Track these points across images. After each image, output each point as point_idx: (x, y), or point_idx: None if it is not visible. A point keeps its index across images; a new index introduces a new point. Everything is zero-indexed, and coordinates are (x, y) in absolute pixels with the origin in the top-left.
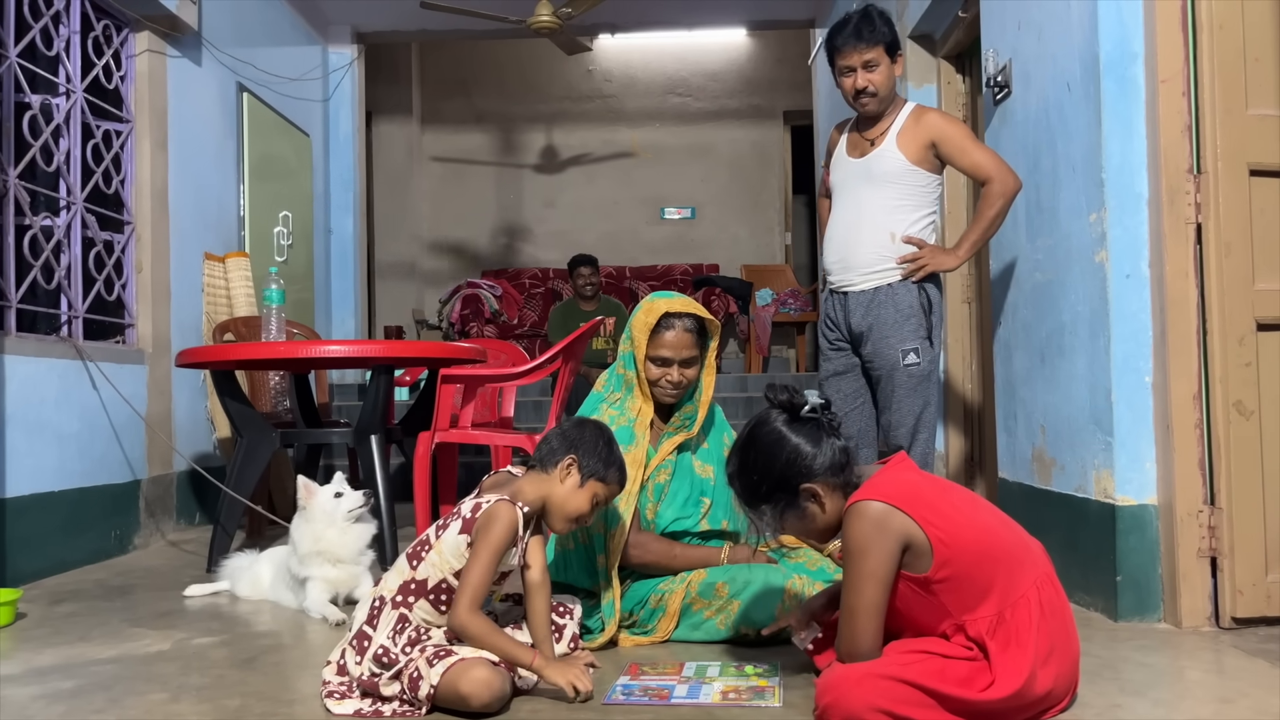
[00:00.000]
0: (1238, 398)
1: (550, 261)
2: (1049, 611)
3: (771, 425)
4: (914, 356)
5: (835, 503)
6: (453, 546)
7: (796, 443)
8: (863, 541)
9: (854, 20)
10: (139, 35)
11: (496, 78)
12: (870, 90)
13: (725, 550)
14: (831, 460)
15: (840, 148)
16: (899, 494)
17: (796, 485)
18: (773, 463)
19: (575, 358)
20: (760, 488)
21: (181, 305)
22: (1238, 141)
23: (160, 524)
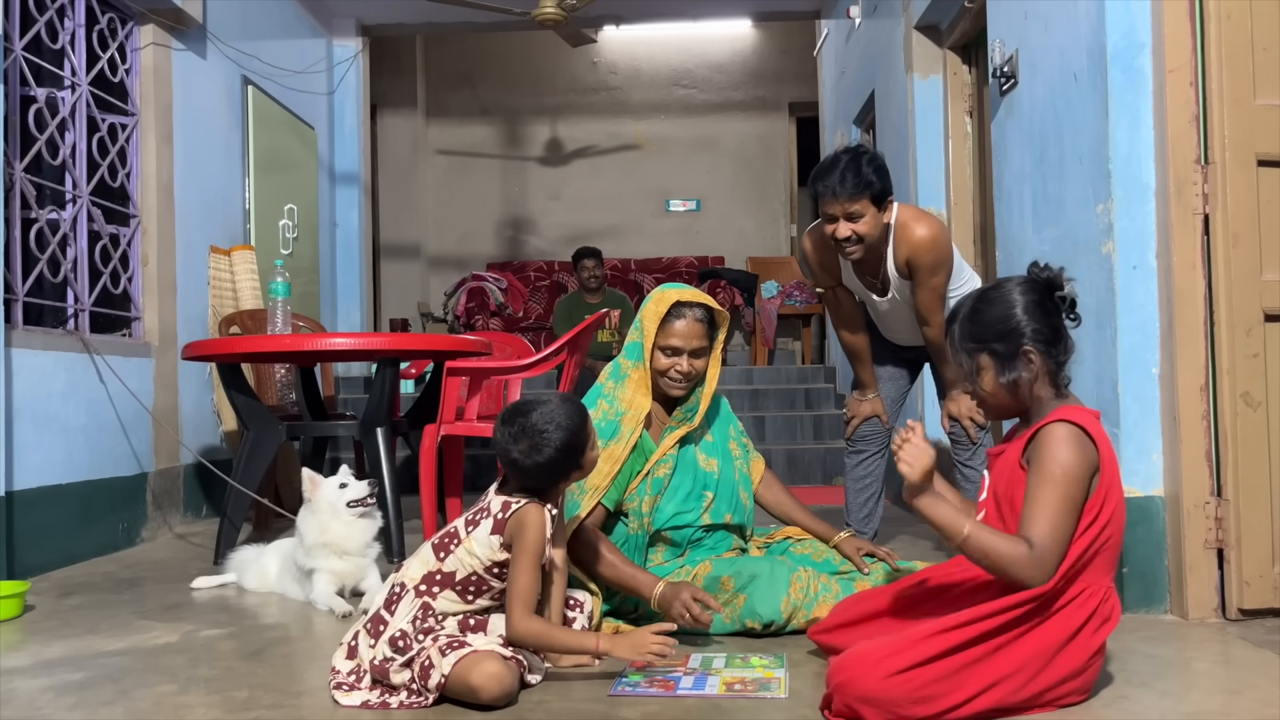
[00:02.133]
0: (1245, 389)
1: (555, 254)
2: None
3: (1014, 288)
4: None
5: (1043, 386)
6: (484, 546)
7: (1031, 312)
8: (1062, 461)
9: (840, 166)
10: (144, 28)
11: (501, 70)
12: (854, 239)
13: (659, 587)
14: (1061, 344)
15: (846, 276)
16: (1095, 430)
17: (1019, 344)
18: (1006, 316)
19: (581, 350)
20: (984, 333)
21: (187, 298)
22: (1245, 131)
23: (168, 517)
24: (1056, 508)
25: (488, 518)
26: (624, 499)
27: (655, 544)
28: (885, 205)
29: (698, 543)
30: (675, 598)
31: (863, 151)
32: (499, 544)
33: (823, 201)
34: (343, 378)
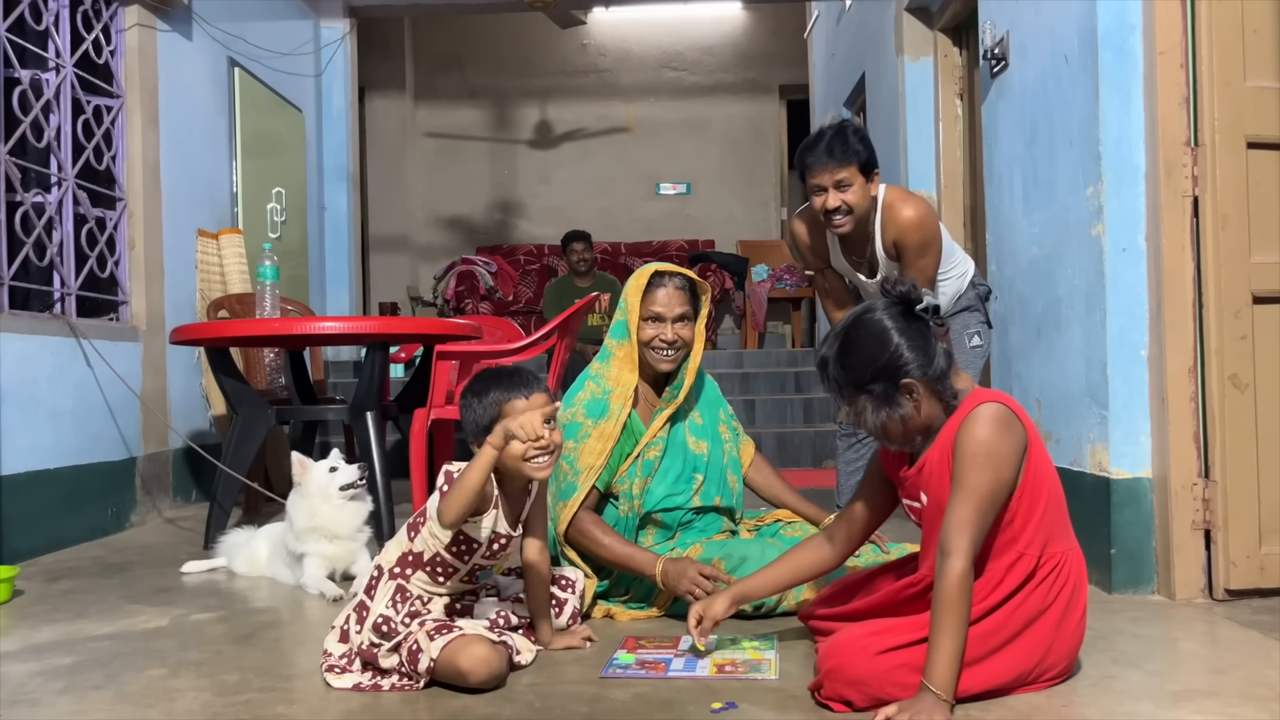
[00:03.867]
0: (1233, 371)
1: (545, 238)
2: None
3: (881, 315)
4: (978, 339)
5: (930, 406)
6: (434, 513)
7: (904, 339)
8: (994, 443)
9: (827, 137)
10: (128, 9)
11: (490, 52)
12: (843, 209)
13: (659, 564)
14: (935, 362)
15: (835, 259)
16: (1014, 404)
17: (898, 379)
18: (878, 353)
19: (571, 334)
20: (858, 376)
21: (175, 282)
22: (1235, 114)
23: (157, 501)
24: (982, 492)
25: (437, 490)
26: (614, 481)
27: (645, 527)
28: (872, 177)
29: (688, 525)
30: (683, 575)
31: (847, 124)
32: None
33: (811, 173)
34: (332, 362)
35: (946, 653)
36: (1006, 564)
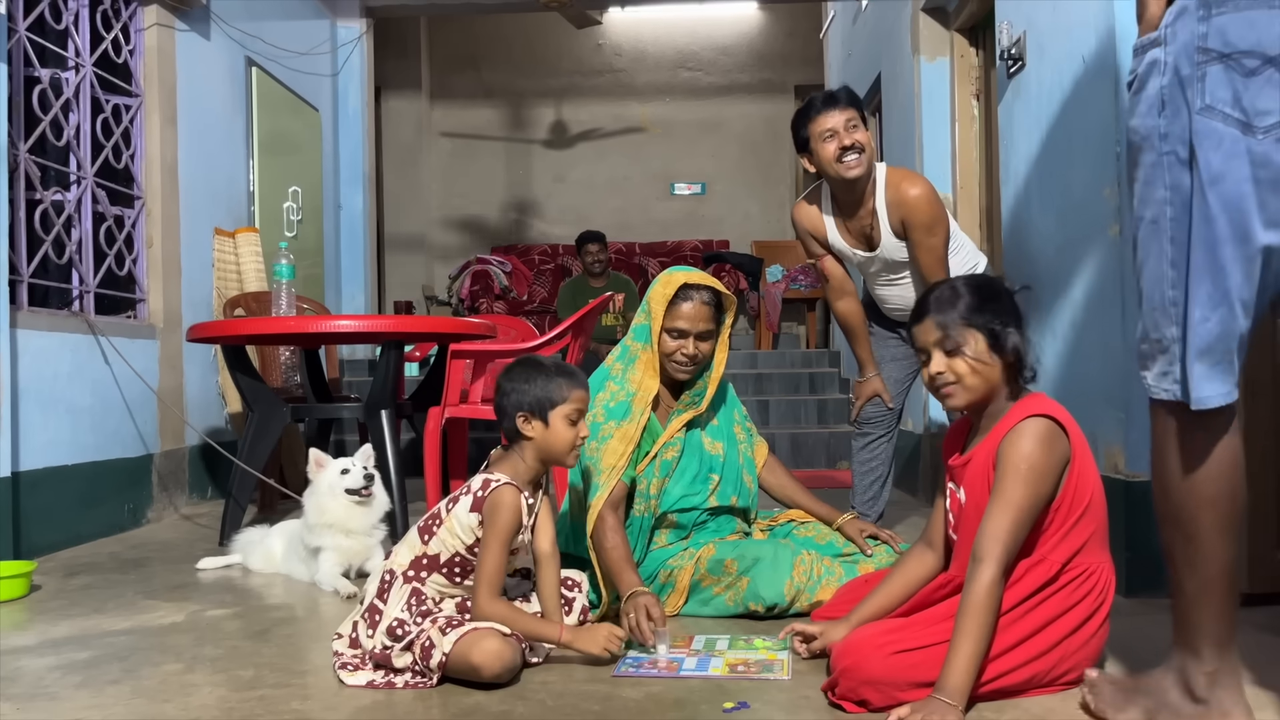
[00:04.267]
0: (1249, 375)
1: (560, 237)
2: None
3: (999, 281)
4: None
5: (1008, 375)
6: (464, 524)
7: (1014, 304)
8: (1034, 459)
9: (823, 94)
10: (147, 9)
11: (506, 52)
12: (857, 147)
13: (629, 591)
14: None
15: (833, 238)
16: (1064, 417)
17: (1015, 326)
18: (1009, 305)
19: (585, 333)
20: (987, 306)
21: (192, 280)
22: None
23: (173, 498)
24: (1018, 505)
25: (468, 495)
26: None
27: (660, 526)
28: (867, 128)
29: (702, 525)
30: (632, 606)
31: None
32: (478, 521)
33: (820, 118)
34: (347, 360)
35: (965, 657)
36: (1027, 566)
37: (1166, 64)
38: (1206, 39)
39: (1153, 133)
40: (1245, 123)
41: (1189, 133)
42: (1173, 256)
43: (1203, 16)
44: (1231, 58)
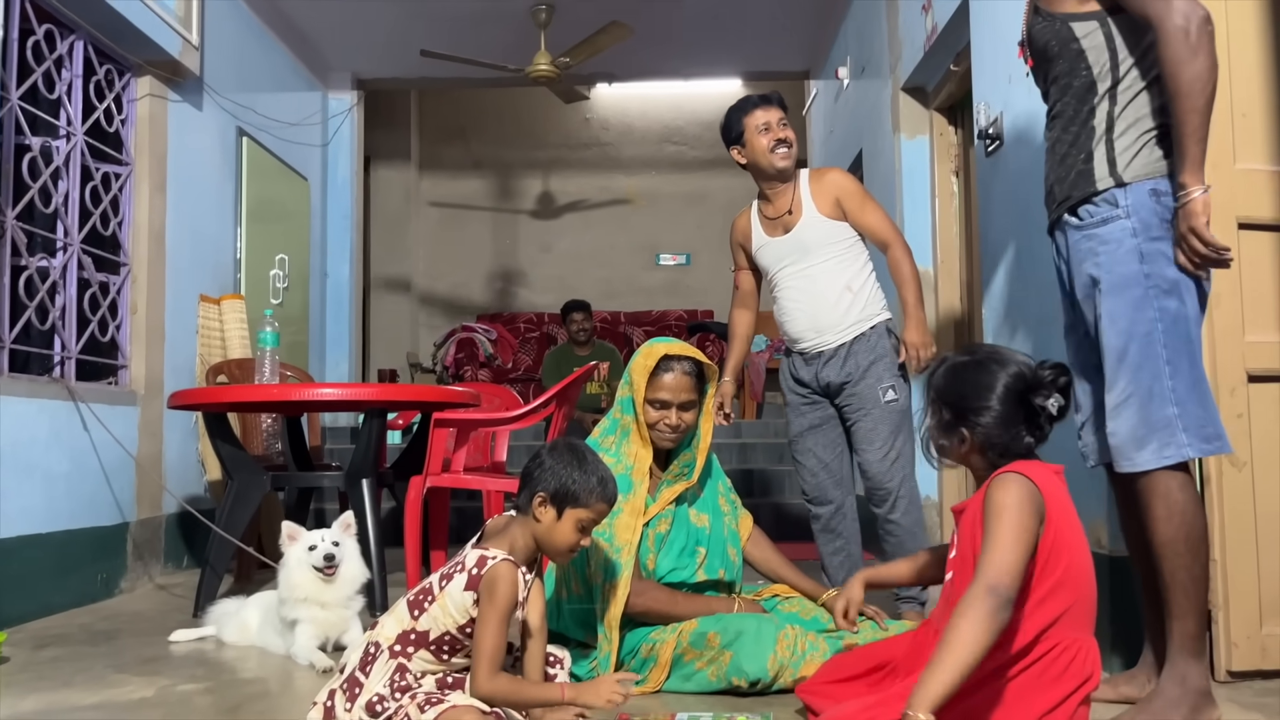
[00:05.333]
0: (1231, 449)
1: (546, 306)
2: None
3: (1003, 373)
4: (892, 393)
5: (975, 457)
6: (458, 602)
7: (999, 403)
8: (1006, 499)
9: (755, 94)
10: (141, 79)
11: (495, 124)
12: (788, 141)
13: (737, 604)
14: (1002, 438)
15: (756, 237)
16: (1046, 485)
17: (964, 419)
18: (970, 393)
19: (569, 402)
20: (944, 394)
21: (175, 347)
22: (1227, 195)
23: (148, 567)
24: (1007, 539)
25: (462, 572)
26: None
27: None
28: None
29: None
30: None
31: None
32: (473, 600)
33: (752, 116)
34: (329, 428)
35: (944, 668)
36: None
37: (1138, 229)
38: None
39: (1137, 274)
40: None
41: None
42: (1167, 357)
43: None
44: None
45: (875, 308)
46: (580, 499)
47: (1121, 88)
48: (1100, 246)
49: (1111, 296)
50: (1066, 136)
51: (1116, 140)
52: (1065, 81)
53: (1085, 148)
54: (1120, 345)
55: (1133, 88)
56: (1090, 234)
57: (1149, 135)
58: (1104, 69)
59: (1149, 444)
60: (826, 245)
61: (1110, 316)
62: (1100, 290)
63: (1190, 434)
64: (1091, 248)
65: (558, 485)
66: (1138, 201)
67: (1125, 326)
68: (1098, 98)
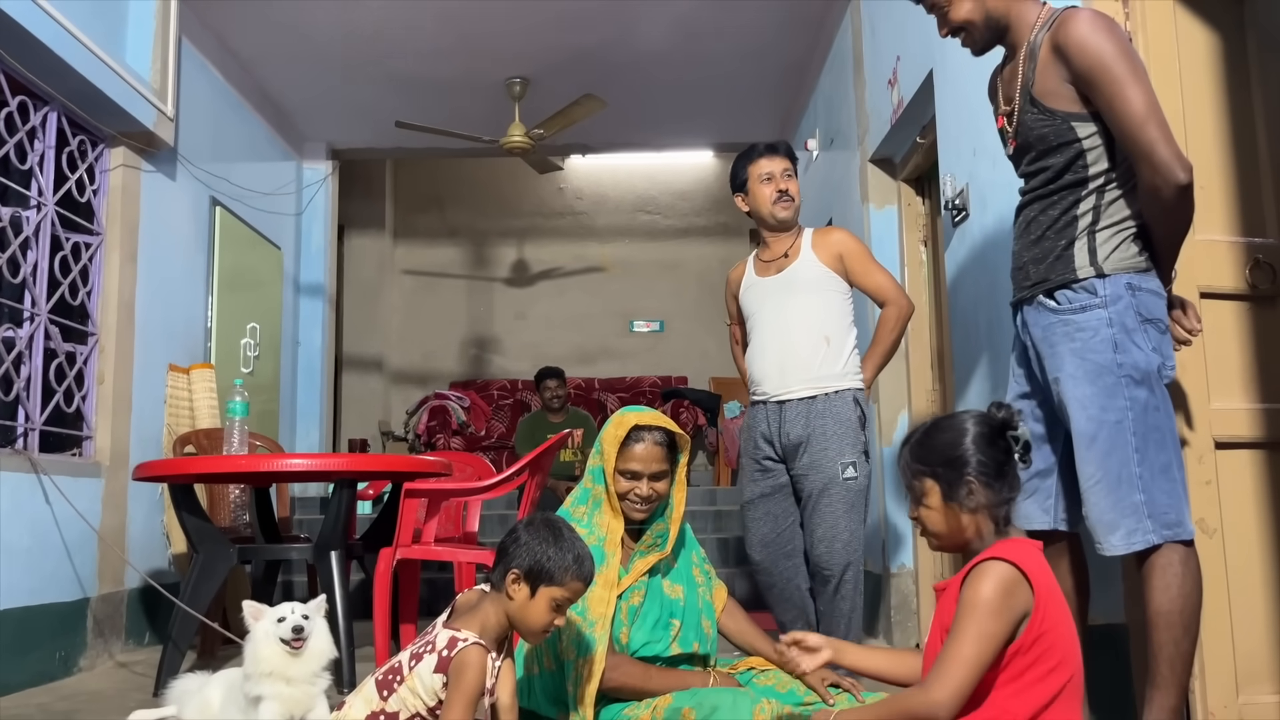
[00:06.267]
0: (1200, 516)
1: (520, 373)
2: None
3: (968, 420)
4: (853, 470)
5: (980, 517)
6: (428, 684)
7: (976, 445)
8: (983, 598)
9: (763, 143)
10: (114, 150)
11: (470, 193)
12: (790, 194)
13: (712, 678)
14: (1004, 480)
15: (749, 277)
16: (1035, 568)
17: (962, 473)
18: (952, 445)
19: (542, 471)
20: (934, 458)
21: (143, 417)
22: (1189, 265)
23: (109, 644)
24: (968, 651)
25: (432, 653)
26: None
27: None
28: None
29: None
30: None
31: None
32: (442, 684)
33: (757, 165)
34: (299, 498)
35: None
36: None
37: (1114, 319)
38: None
39: (1111, 363)
40: (1163, 362)
41: (1138, 365)
42: (1135, 444)
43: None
44: (1150, 321)
45: (850, 371)
46: (555, 577)
47: (1111, 185)
48: (1077, 333)
49: (1085, 383)
50: (1045, 219)
51: (1099, 233)
52: (1056, 172)
53: (1068, 235)
54: (1091, 431)
55: (1120, 187)
56: (1067, 319)
57: (1128, 231)
58: (1100, 168)
59: (1118, 529)
60: (815, 289)
61: (1081, 402)
62: (1073, 375)
63: (1154, 520)
64: (1068, 333)
65: (532, 562)
66: (1115, 293)
67: (1096, 413)
68: (1087, 191)
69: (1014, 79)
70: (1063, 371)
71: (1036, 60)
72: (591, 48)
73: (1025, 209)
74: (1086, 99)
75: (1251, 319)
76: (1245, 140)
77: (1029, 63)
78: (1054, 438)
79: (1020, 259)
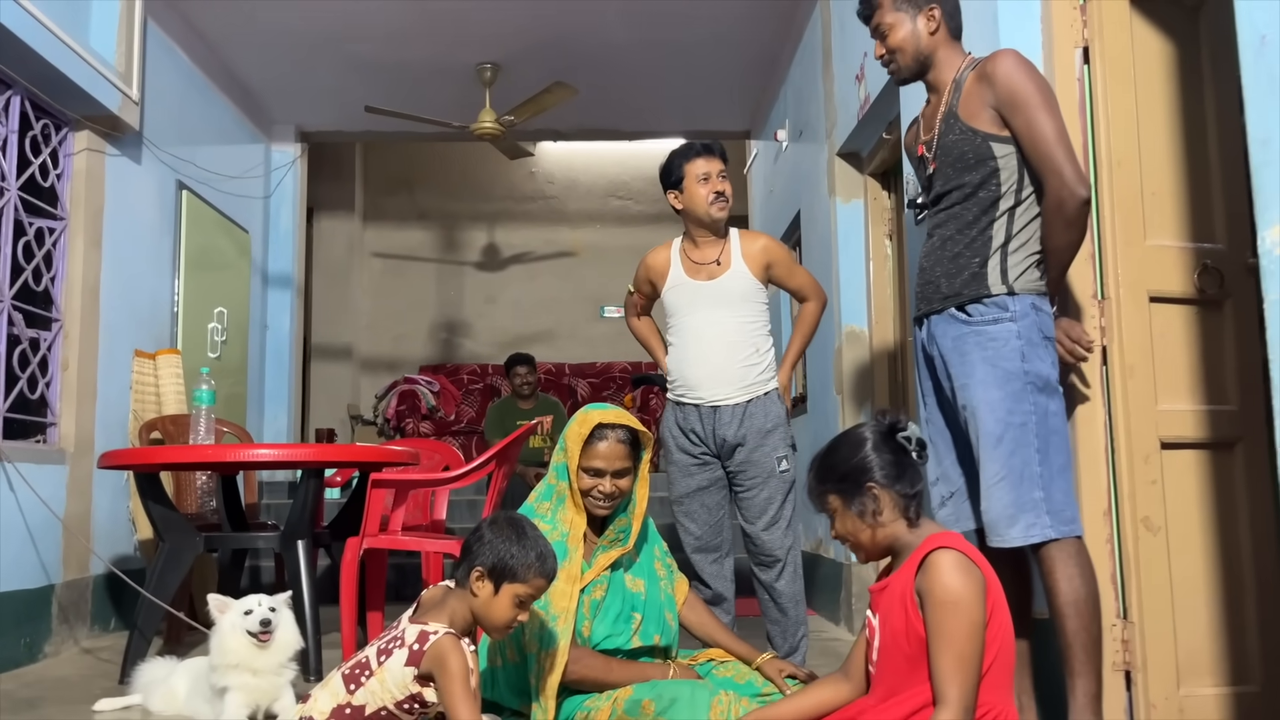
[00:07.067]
0: (1145, 514)
1: (490, 357)
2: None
3: (866, 430)
4: (786, 463)
5: (892, 519)
6: (397, 678)
7: (876, 451)
8: (960, 590)
9: (700, 142)
10: (79, 134)
11: (440, 176)
12: (726, 195)
13: (672, 669)
14: (903, 480)
15: (676, 273)
16: (971, 552)
17: (862, 482)
18: (851, 456)
19: (509, 461)
20: (830, 476)
21: (108, 403)
22: (1138, 270)
23: (74, 630)
24: (961, 636)
25: (401, 648)
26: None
27: None
28: None
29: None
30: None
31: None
32: (413, 676)
33: (701, 161)
34: (267, 482)
35: None
36: (925, 701)
37: (1022, 333)
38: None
39: (1019, 370)
40: (1057, 376)
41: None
42: (1038, 445)
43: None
44: (1049, 340)
45: (771, 374)
46: (518, 574)
47: (1020, 210)
48: (989, 342)
49: (994, 387)
50: (962, 238)
51: (1011, 255)
52: (971, 190)
53: (982, 253)
54: (999, 432)
55: (1029, 212)
56: (980, 330)
57: (1035, 257)
58: (1010, 189)
59: (1018, 522)
60: (747, 302)
61: (990, 405)
62: (983, 381)
63: (1052, 516)
64: (980, 342)
65: (495, 560)
66: (1023, 310)
67: (1004, 415)
68: (999, 213)
69: (935, 111)
70: (973, 378)
71: (962, 90)
72: (562, 34)
73: (939, 227)
74: (1005, 124)
75: (1199, 323)
76: (1197, 148)
77: (954, 93)
78: (964, 459)
79: (932, 274)
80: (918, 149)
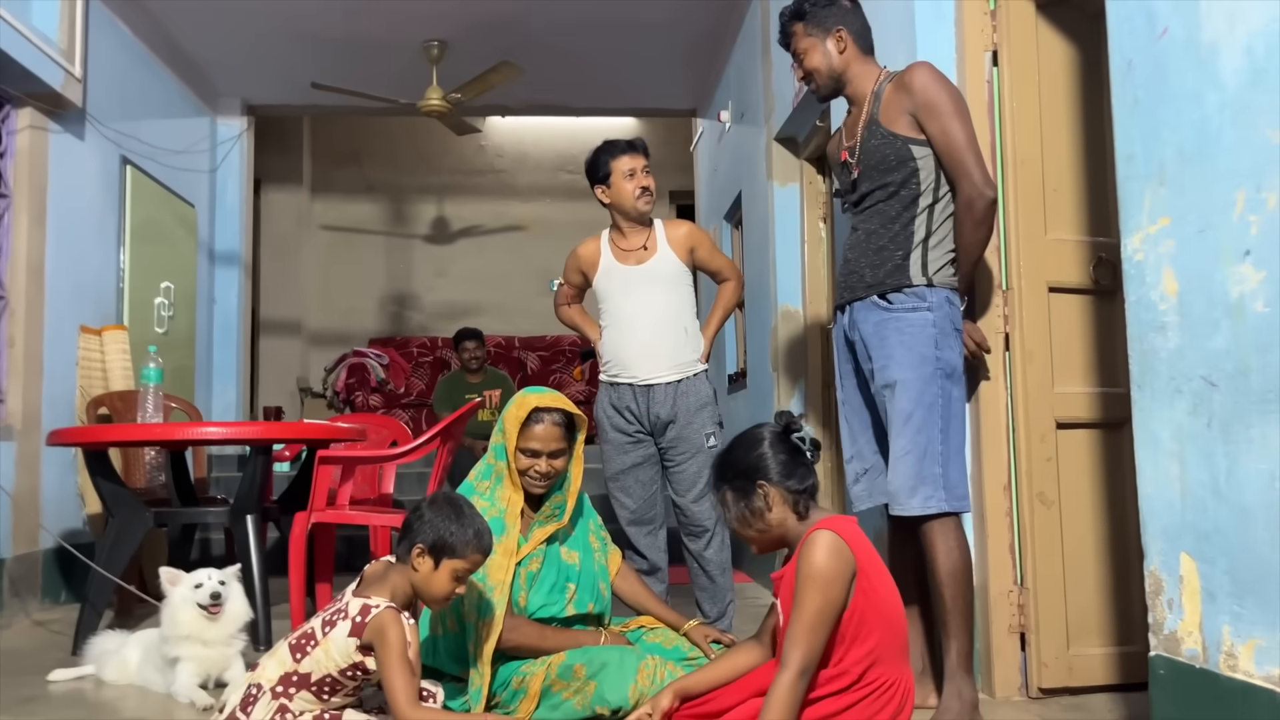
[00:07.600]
0: (1041, 489)
1: (439, 330)
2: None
3: (763, 430)
4: (714, 439)
5: (782, 513)
6: (341, 647)
7: (771, 449)
8: (821, 567)
9: (624, 139)
10: (21, 111)
11: (388, 149)
12: (651, 190)
13: (604, 636)
14: (793, 477)
15: (607, 260)
16: (850, 532)
17: (754, 479)
18: (746, 454)
19: (454, 437)
20: (726, 472)
21: (54, 379)
22: (1039, 262)
23: (25, 603)
24: (812, 610)
25: (345, 619)
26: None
27: None
28: None
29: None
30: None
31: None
32: (355, 646)
33: (627, 158)
34: (216, 456)
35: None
36: (827, 677)
37: (936, 322)
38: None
39: (931, 356)
40: (961, 365)
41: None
42: (941, 426)
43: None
44: (958, 331)
45: (699, 355)
46: (456, 551)
47: (939, 207)
48: (907, 328)
49: (909, 369)
50: (885, 232)
51: (931, 250)
52: (894, 188)
53: (904, 247)
54: (909, 410)
55: (947, 210)
56: (899, 316)
57: (951, 255)
58: (929, 187)
59: (918, 494)
60: (674, 284)
61: (905, 384)
62: (900, 362)
63: (947, 491)
64: (899, 328)
65: (435, 537)
66: (939, 302)
67: (915, 395)
68: (919, 210)
69: (857, 120)
70: (891, 360)
71: (881, 99)
72: (509, 13)
73: (863, 222)
74: (921, 129)
75: (1093, 312)
76: (1096, 147)
77: (874, 102)
78: (879, 438)
79: (857, 264)
80: (840, 155)
